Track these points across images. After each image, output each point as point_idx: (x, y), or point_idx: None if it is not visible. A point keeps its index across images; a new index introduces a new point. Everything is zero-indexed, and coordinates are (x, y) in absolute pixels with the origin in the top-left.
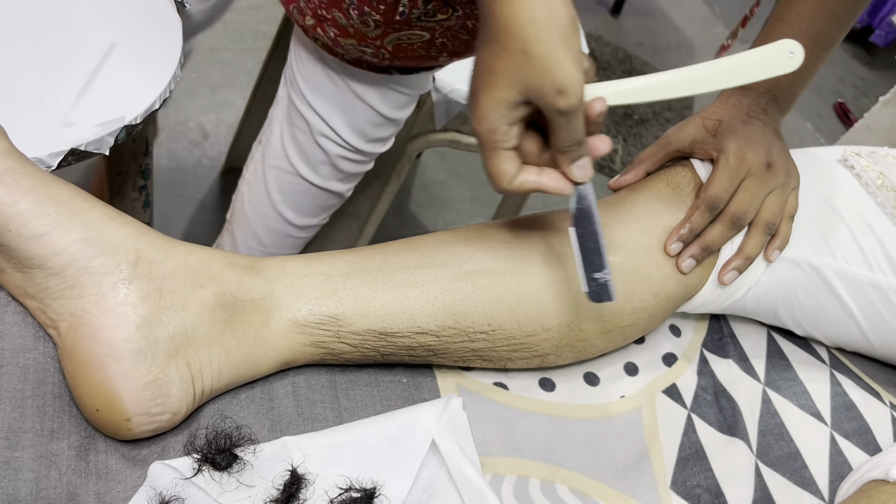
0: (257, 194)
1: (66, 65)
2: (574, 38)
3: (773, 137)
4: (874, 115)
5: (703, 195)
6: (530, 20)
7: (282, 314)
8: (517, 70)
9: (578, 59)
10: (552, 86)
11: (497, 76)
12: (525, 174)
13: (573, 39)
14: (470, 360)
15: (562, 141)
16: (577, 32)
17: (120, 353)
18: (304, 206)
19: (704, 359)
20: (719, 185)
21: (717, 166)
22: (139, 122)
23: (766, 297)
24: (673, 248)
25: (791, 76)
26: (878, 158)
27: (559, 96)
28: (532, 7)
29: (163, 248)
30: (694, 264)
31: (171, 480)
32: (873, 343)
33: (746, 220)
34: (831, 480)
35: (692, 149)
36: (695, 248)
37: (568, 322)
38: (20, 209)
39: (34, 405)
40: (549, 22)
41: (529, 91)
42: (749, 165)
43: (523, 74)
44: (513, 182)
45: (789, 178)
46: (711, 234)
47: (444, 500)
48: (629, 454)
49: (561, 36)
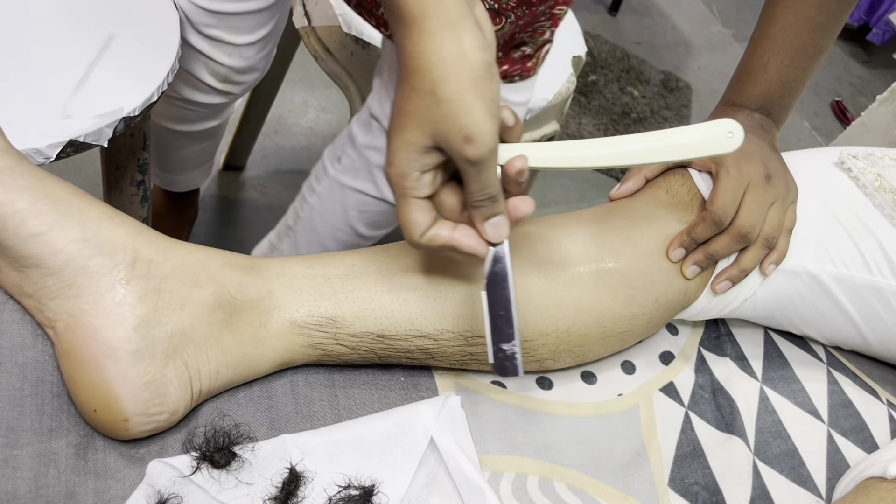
0: (331, 210)
1: (64, 56)
2: (487, 84)
3: (770, 151)
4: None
5: (710, 207)
6: (439, 61)
7: (280, 315)
8: (425, 112)
9: (491, 107)
10: (459, 132)
11: (407, 117)
12: (438, 228)
13: (486, 85)
14: (467, 364)
15: (473, 194)
16: (491, 79)
17: (118, 354)
18: (380, 221)
19: (702, 357)
20: (724, 198)
21: (719, 179)
22: (137, 114)
23: (763, 306)
24: (675, 254)
25: (783, 91)
26: (875, 160)
27: (466, 144)
28: (442, 48)
29: (161, 248)
30: (698, 271)
31: (169, 478)
32: (871, 343)
33: (754, 235)
34: (829, 478)
35: (690, 161)
36: (699, 254)
37: (567, 328)
38: (17, 208)
39: (33, 403)
40: (458, 64)
41: (437, 136)
42: (749, 178)
43: (431, 118)
44: (423, 235)
45: (788, 190)
46: (717, 244)
47: (443, 498)
48: (627, 452)
49: (471, 80)
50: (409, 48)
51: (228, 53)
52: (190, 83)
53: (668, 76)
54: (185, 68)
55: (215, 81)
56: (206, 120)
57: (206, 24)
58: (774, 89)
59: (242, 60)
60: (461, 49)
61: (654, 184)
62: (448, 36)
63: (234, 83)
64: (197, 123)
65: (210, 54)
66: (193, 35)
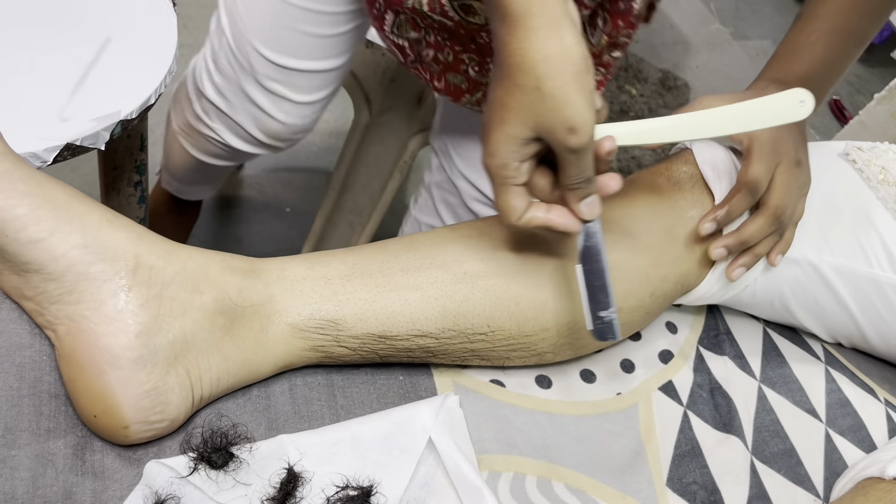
0: None
1: (60, 59)
2: (587, 77)
3: (800, 138)
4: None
5: (742, 178)
6: (543, 58)
7: (281, 319)
8: (529, 107)
9: (591, 98)
10: (563, 124)
11: (509, 112)
12: (534, 210)
13: (586, 78)
14: (468, 360)
15: (570, 178)
16: (590, 71)
17: (119, 361)
18: None
19: (700, 356)
20: (758, 170)
21: (753, 151)
22: (135, 116)
23: (763, 294)
24: (706, 227)
25: (824, 74)
26: (879, 153)
27: (570, 134)
28: (546, 45)
29: (162, 254)
30: (725, 254)
31: (167, 479)
32: (868, 337)
33: (787, 217)
34: (826, 477)
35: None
36: (731, 239)
37: (567, 322)
38: (17, 214)
39: (30, 404)
40: (562, 60)
41: (541, 128)
42: (781, 156)
43: (535, 111)
44: (521, 218)
45: (808, 181)
46: (751, 228)
47: (441, 498)
48: (625, 451)
49: (574, 74)
50: (512, 45)
51: (286, 111)
52: (234, 131)
53: (667, 74)
54: (233, 117)
55: (263, 136)
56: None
57: (271, 78)
58: (817, 70)
59: (298, 119)
60: (563, 45)
61: (654, 170)
62: (551, 33)
63: (282, 140)
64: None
65: (267, 109)
66: (253, 86)
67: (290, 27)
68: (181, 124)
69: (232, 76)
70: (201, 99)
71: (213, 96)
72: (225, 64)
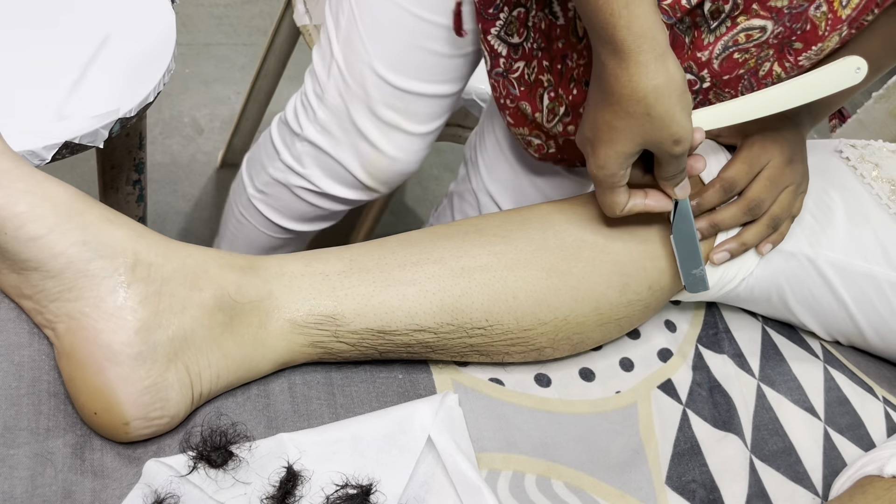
0: None
1: (59, 57)
2: (686, 96)
3: (798, 140)
4: (867, 111)
5: (720, 174)
6: (653, 88)
7: (280, 315)
8: (639, 128)
9: (689, 111)
10: (670, 138)
11: (619, 132)
12: (634, 199)
13: (686, 97)
14: (468, 356)
15: (669, 172)
16: (687, 91)
17: (119, 358)
18: None
19: (699, 354)
20: (738, 169)
21: (740, 151)
22: (133, 114)
23: (760, 287)
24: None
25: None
26: (873, 150)
27: (675, 145)
28: (655, 77)
29: (161, 251)
30: (699, 238)
31: (166, 478)
32: (865, 333)
33: (762, 210)
34: (825, 475)
35: (719, 130)
36: (703, 222)
37: (565, 316)
38: (16, 211)
39: (29, 403)
40: (668, 87)
41: (649, 143)
42: (771, 156)
43: (644, 131)
44: (624, 209)
45: (803, 179)
46: (724, 213)
47: (440, 497)
48: (624, 450)
49: (678, 98)
50: (623, 78)
51: (397, 144)
52: (334, 173)
53: None
54: (336, 156)
55: (366, 176)
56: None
57: (387, 105)
58: None
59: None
60: (668, 75)
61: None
62: (660, 67)
63: (384, 182)
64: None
65: (376, 142)
66: (365, 116)
67: (416, 44)
68: (261, 185)
69: (341, 108)
70: (296, 143)
71: (315, 136)
72: (334, 96)
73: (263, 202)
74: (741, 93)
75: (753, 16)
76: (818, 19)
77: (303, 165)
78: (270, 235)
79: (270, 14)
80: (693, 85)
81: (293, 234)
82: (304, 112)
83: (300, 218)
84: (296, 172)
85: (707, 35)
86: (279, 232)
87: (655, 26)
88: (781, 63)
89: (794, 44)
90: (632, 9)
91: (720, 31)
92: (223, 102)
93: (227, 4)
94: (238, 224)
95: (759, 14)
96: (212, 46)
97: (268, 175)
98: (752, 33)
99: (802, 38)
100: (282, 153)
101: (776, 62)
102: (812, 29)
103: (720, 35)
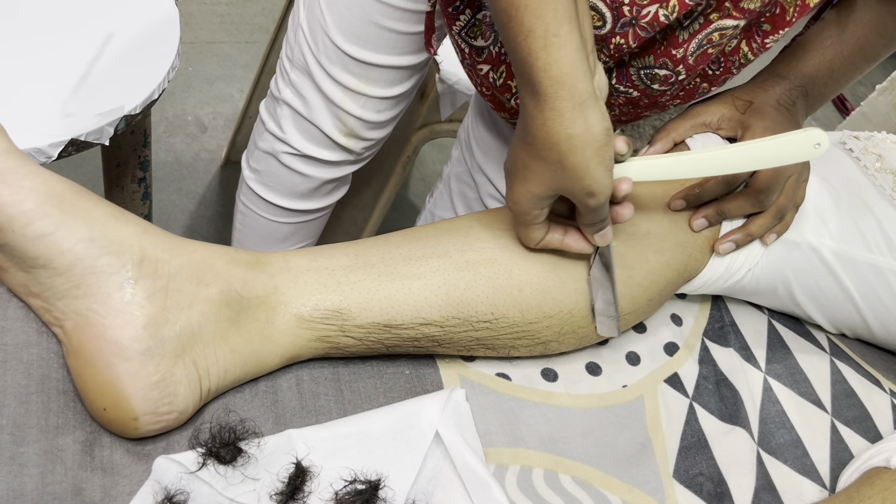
0: None
1: (64, 55)
2: (606, 149)
3: (796, 128)
4: (871, 104)
5: None
6: (567, 137)
7: (286, 310)
8: (552, 174)
9: (609, 165)
10: (583, 190)
11: (533, 174)
12: (552, 234)
13: (605, 151)
14: (474, 350)
15: (586, 220)
16: (609, 144)
17: (127, 353)
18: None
19: (706, 347)
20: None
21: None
22: (138, 112)
23: (765, 279)
24: (676, 204)
25: (828, 79)
26: (876, 142)
27: (589, 198)
28: (571, 126)
29: (167, 247)
30: (706, 225)
31: (176, 475)
32: (871, 325)
33: (770, 202)
34: (832, 468)
35: (719, 124)
36: (710, 209)
37: (570, 309)
38: (24, 209)
39: (38, 401)
40: (584, 140)
41: (562, 191)
42: None
43: (557, 178)
44: (539, 244)
45: (804, 168)
46: (732, 203)
47: (448, 492)
48: (632, 443)
49: (594, 151)
50: (538, 121)
51: (361, 104)
52: (311, 135)
53: None
54: (309, 118)
55: (341, 136)
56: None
57: (346, 71)
58: (822, 74)
59: (374, 113)
60: (587, 125)
61: None
62: (577, 116)
63: (359, 138)
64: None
65: (342, 103)
66: (328, 80)
67: (370, 20)
68: (254, 162)
69: (308, 71)
70: (276, 109)
71: (291, 97)
72: (300, 60)
73: (257, 181)
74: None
75: (726, 16)
76: (788, 3)
77: (283, 130)
78: (271, 220)
79: (272, 11)
80: (669, 78)
81: (294, 215)
82: (281, 75)
83: (292, 193)
84: (279, 139)
85: (681, 32)
86: (279, 214)
87: (576, 73)
88: (749, 43)
89: (763, 25)
90: (550, 51)
91: (693, 28)
92: (226, 100)
93: (229, 2)
94: (242, 216)
95: (732, 15)
96: (214, 44)
97: (257, 149)
98: (726, 31)
99: (771, 20)
100: (267, 123)
101: (743, 40)
102: (781, 13)
103: (694, 32)
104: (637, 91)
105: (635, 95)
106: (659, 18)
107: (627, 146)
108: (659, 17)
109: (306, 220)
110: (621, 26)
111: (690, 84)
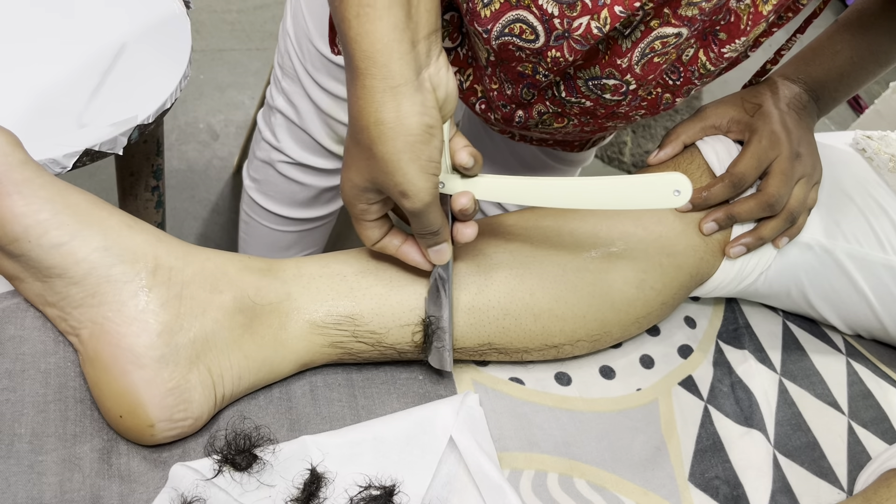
0: None
1: (78, 66)
2: (423, 147)
3: (806, 131)
4: (885, 101)
5: (731, 170)
6: (376, 122)
7: (299, 316)
8: (365, 163)
9: (427, 167)
10: (395, 188)
11: (352, 159)
12: (389, 239)
13: (421, 149)
14: (486, 354)
15: (414, 228)
16: (428, 142)
17: (143, 361)
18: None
19: (720, 350)
20: (748, 164)
21: (749, 146)
22: (151, 121)
23: (778, 281)
24: (682, 207)
25: (839, 84)
26: (889, 142)
27: (403, 198)
28: (381, 109)
29: (180, 255)
30: (716, 228)
31: (192, 482)
32: (887, 325)
33: (780, 206)
34: (850, 470)
35: (728, 127)
36: (720, 213)
37: (583, 313)
38: (39, 219)
39: (56, 409)
40: (394, 128)
41: (377, 184)
42: (779, 151)
43: (370, 168)
44: (374, 246)
45: (814, 170)
46: (742, 207)
47: (463, 497)
48: (646, 447)
49: (406, 144)
50: (352, 98)
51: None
52: (305, 143)
53: None
54: (302, 126)
55: (332, 143)
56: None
57: (330, 76)
58: (833, 78)
59: None
60: (399, 114)
61: (664, 166)
62: (388, 100)
63: None
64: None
65: (329, 111)
66: (315, 89)
67: None
68: (253, 172)
69: (295, 77)
70: (272, 117)
71: (283, 105)
72: (289, 67)
73: (257, 190)
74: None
75: (666, 23)
76: (741, 11)
77: (278, 139)
78: (274, 228)
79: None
80: (619, 88)
81: (295, 224)
82: (274, 84)
83: (292, 201)
84: (274, 148)
85: (623, 41)
86: (281, 223)
87: (389, 51)
88: (707, 52)
89: (719, 34)
90: (362, 21)
91: (635, 36)
92: (237, 107)
93: (239, 10)
94: (245, 225)
95: (671, 23)
96: (225, 52)
97: (256, 159)
98: (668, 39)
99: (726, 28)
100: (263, 132)
101: (700, 49)
102: (735, 21)
103: (636, 41)
104: (589, 101)
105: (588, 105)
106: (592, 31)
107: (474, 159)
108: (592, 30)
109: (309, 227)
110: (555, 39)
111: (651, 94)
